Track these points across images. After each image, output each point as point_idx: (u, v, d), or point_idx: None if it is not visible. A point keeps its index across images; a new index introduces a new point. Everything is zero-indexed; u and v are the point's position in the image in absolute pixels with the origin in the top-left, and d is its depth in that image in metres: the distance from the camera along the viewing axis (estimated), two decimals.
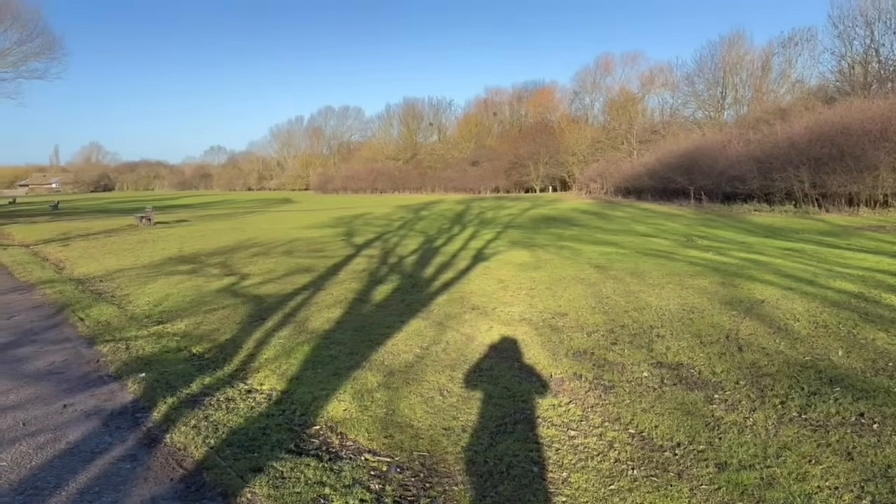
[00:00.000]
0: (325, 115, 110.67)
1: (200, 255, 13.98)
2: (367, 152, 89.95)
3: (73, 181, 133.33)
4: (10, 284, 10.65)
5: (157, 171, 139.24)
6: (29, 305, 8.60)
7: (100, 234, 21.24)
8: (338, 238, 17.33)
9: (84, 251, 15.70)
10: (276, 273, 10.91)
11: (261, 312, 7.67)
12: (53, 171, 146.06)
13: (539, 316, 7.14)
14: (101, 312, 7.81)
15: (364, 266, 11.57)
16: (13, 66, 26.29)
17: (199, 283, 10.01)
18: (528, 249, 13.50)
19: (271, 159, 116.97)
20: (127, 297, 9.02)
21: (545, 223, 21.76)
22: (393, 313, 7.46)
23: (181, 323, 7.16)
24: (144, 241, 18.07)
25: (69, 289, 9.81)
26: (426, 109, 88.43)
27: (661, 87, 57.40)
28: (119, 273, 11.55)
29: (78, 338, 6.57)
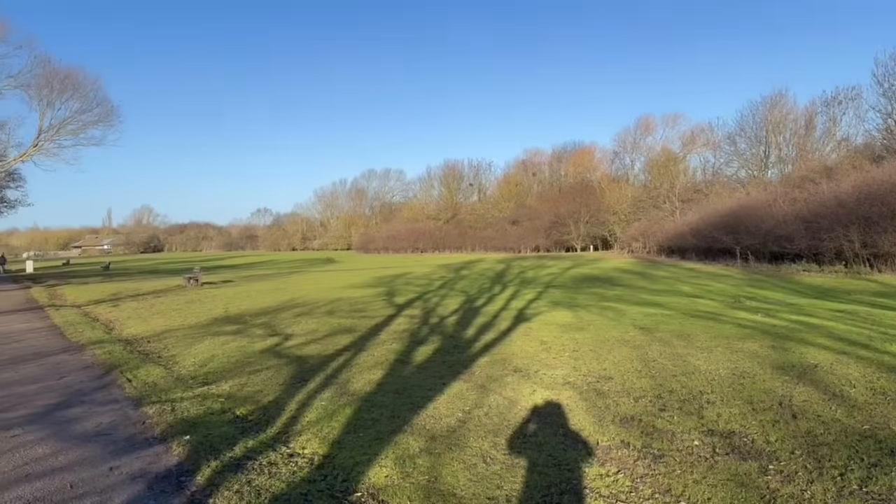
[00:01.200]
0: (367, 177, 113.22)
1: (245, 316, 14.18)
2: (408, 213, 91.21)
3: (124, 242, 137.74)
4: (61, 345, 10.92)
5: (205, 232, 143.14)
6: (79, 366, 8.79)
7: (149, 294, 21.78)
8: (379, 298, 17.42)
9: (133, 312, 16.09)
10: (319, 333, 10.98)
11: (303, 374, 7.69)
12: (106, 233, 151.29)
13: (583, 379, 7.00)
14: (149, 373, 7.94)
15: (405, 326, 11.57)
16: (73, 133, 27.58)
17: (243, 344, 10.13)
18: (571, 310, 13.35)
19: (315, 220, 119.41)
20: (174, 358, 9.17)
21: (587, 283, 21.54)
22: (434, 375, 7.40)
23: (226, 384, 7.23)
24: (192, 301, 18.44)
25: (118, 349, 10.02)
26: (466, 171, 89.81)
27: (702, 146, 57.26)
28: (167, 333, 11.78)
29: (125, 399, 6.67)
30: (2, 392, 7.20)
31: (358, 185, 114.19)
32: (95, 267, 54.58)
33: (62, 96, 26.86)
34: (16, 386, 7.54)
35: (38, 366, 8.91)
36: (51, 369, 8.59)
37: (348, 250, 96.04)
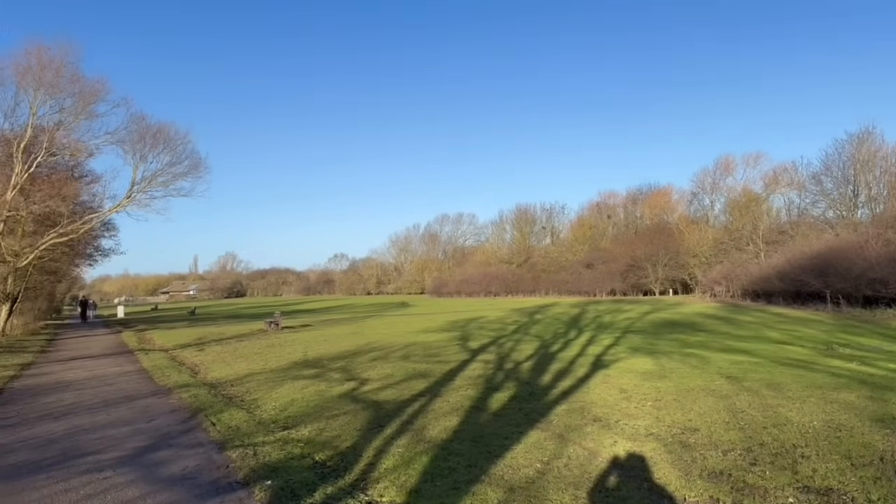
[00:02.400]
0: (440, 222, 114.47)
1: (323, 360, 14.42)
2: (481, 256, 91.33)
3: (209, 288, 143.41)
4: (150, 388, 11.38)
5: (284, 277, 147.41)
6: (166, 409, 9.12)
7: (232, 338, 22.50)
8: (453, 342, 17.40)
9: (217, 355, 16.64)
10: (394, 378, 11.04)
11: (380, 419, 7.72)
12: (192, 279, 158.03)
13: (667, 431, 6.74)
14: (232, 417, 8.15)
15: (480, 372, 11.49)
16: (164, 185, 29.03)
17: (322, 389, 10.28)
18: (651, 356, 12.95)
19: (389, 265, 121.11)
20: (255, 402, 9.40)
21: (668, 328, 20.89)
22: (511, 423, 7.29)
23: (305, 429, 7.33)
24: (272, 345, 18.92)
25: (203, 393, 10.35)
26: (538, 214, 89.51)
27: (785, 186, 55.14)
28: (249, 377, 12.11)
29: (210, 442, 6.85)
30: (95, 434, 7.54)
31: (431, 229, 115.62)
32: (182, 312, 56.90)
33: (154, 150, 28.42)
34: (109, 428, 7.87)
35: (128, 409, 9.29)
36: (140, 412, 8.94)
37: (422, 294, 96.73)
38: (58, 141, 25.51)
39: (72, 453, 6.60)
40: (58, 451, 6.71)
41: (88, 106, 25.58)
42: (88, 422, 8.37)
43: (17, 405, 10.07)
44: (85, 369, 14.92)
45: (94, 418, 8.62)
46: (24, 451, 6.80)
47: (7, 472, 6.00)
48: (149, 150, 28.11)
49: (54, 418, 8.75)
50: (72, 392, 11.24)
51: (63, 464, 6.18)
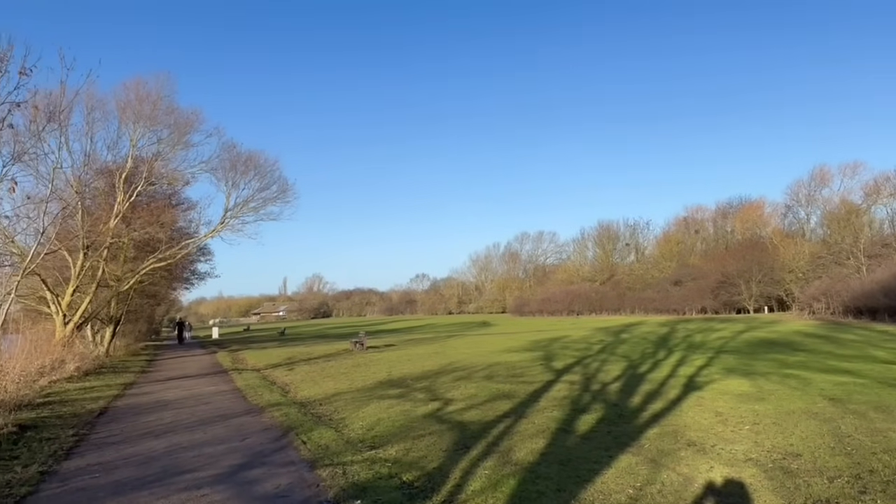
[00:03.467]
0: (520, 240, 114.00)
1: (407, 379, 14.54)
2: (563, 275, 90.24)
3: (297, 309, 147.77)
4: (243, 407, 11.77)
5: (368, 298, 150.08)
6: (259, 428, 9.40)
7: (320, 358, 23.03)
8: (536, 362, 17.19)
9: (306, 375, 17.07)
10: (478, 399, 10.98)
11: (465, 440, 7.68)
12: (281, 301, 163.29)
13: (767, 456, 6.40)
14: (321, 436, 8.30)
15: (565, 393, 11.28)
16: (254, 210, 30.31)
17: (406, 408, 10.35)
18: (747, 378, 12.37)
19: (470, 284, 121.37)
20: (343, 421, 9.56)
21: (764, 347, 19.93)
22: (600, 446, 7.10)
23: (392, 449, 7.38)
24: (358, 365, 19.24)
25: (293, 412, 10.61)
26: (622, 230, 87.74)
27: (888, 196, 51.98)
28: (336, 396, 12.34)
29: (301, 461, 7.00)
30: (193, 452, 7.84)
31: (511, 248, 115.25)
32: (272, 332, 58.80)
33: (245, 177, 29.75)
34: (206, 446, 8.18)
35: (224, 427, 9.63)
36: (235, 430, 9.25)
37: (503, 313, 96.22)
38: (156, 171, 27.06)
39: (171, 470, 6.88)
40: (158, 469, 7.01)
41: (184, 136, 27.08)
42: (187, 440, 8.73)
43: (121, 423, 10.62)
44: (183, 389, 15.61)
45: (192, 436, 8.98)
46: (127, 468, 7.14)
47: (112, 488, 6.30)
48: (240, 177, 29.45)
49: (155, 436, 9.17)
50: (171, 411, 11.77)
51: (163, 481, 6.44)
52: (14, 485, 6.45)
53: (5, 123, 12.41)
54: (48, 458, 7.82)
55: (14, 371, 13.97)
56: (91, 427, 10.29)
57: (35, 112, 14.58)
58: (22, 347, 16.79)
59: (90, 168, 25.42)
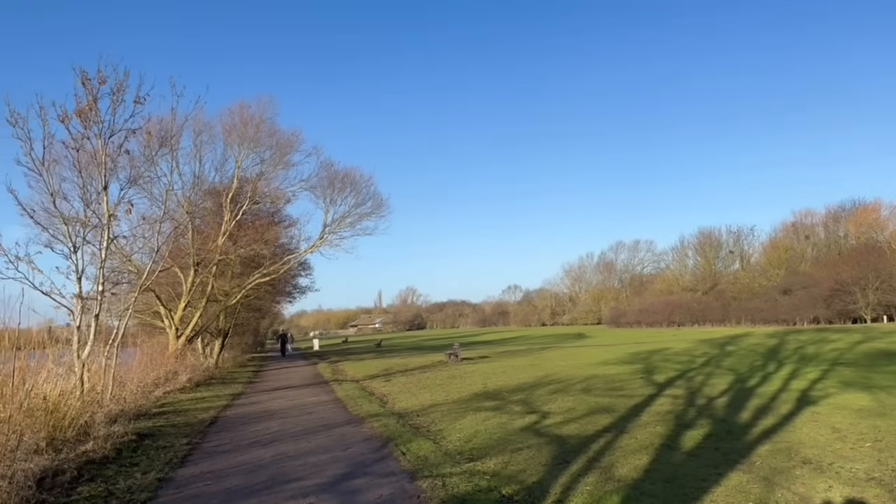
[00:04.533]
0: (615, 250, 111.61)
1: (503, 392, 14.47)
2: (661, 284, 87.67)
3: (392, 321, 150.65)
4: (344, 417, 12.06)
5: (461, 309, 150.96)
6: (360, 438, 9.59)
7: (415, 370, 23.32)
8: (636, 375, 16.70)
9: (403, 386, 17.32)
10: (576, 412, 10.78)
11: (564, 454, 7.55)
12: (377, 313, 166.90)
13: (892, 475, 5.94)
14: (420, 447, 8.38)
15: (668, 407, 10.90)
16: (351, 225, 31.23)
17: (503, 421, 10.30)
18: (867, 392, 11.54)
19: (563, 295, 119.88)
20: (441, 433, 9.61)
21: (885, 359, 18.54)
22: (707, 463, 6.80)
23: (490, 461, 7.34)
24: (453, 376, 19.34)
25: (392, 423, 10.77)
26: (724, 237, 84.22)
27: None
28: (433, 408, 12.44)
29: (401, 472, 7.08)
30: (299, 461, 8.09)
31: (606, 258, 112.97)
32: (369, 344, 60.13)
33: (342, 194, 30.71)
34: (310, 455, 8.42)
35: (326, 436, 9.90)
36: (337, 440, 9.49)
37: (598, 325, 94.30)
38: (260, 190, 28.38)
39: (279, 479, 7.11)
40: (266, 477, 7.27)
41: (285, 157, 28.31)
42: (292, 448, 9.02)
43: (230, 432, 11.10)
44: (287, 399, 16.18)
45: (297, 445, 9.27)
46: (237, 476, 7.45)
47: (223, 495, 6.58)
48: (337, 194, 30.43)
49: (262, 445, 9.53)
50: (276, 420, 12.21)
51: (271, 489, 6.67)
52: (135, 490, 6.85)
53: (122, 149, 13.38)
54: (164, 465, 8.26)
55: (132, 382, 14.92)
56: (203, 436, 10.81)
57: (149, 138, 15.59)
58: (139, 360, 17.89)
59: (199, 189, 26.99)
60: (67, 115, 12.18)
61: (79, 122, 12.35)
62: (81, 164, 12.82)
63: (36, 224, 13.34)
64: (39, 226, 13.35)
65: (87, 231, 13.01)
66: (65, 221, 12.67)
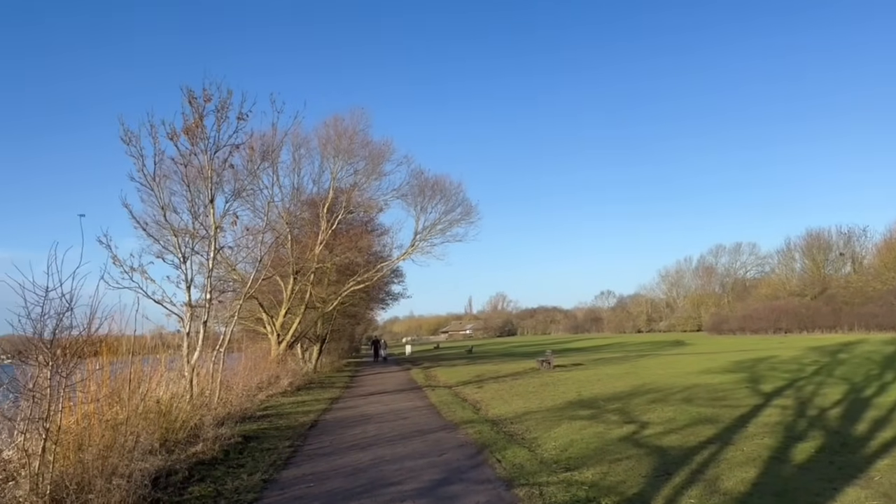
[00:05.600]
0: (715, 253, 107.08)
1: (598, 400, 14.19)
2: (766, 289, 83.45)
3: (482, 327, 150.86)
4: (438, 423, 12.18)
5: (552, 315, 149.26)
6: (455, 444, 9.66)
7: (507, 376, 23.26)
8: (740, 385, 15.97)
9: (495, 393, 17.30)
10: (677, 423, 10.43)
11: (665, 466, 7.32)
12: (467, 319, 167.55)
13: None
14: (515, 455, 8.34)
15: (776, 418, 10.37)
16: (441, 232, 31.58)
17: (600, 430, 10.10)
18: None
19: (660, 301, 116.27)
20: (536, 441, 9.54)
21: None
22: (821, 477, 6.42)
23: (588, 471, 7.22)
24: (546, 384, 19.14)
25: (486, 429, 10.79)
26: (834, 239, 79.22)
27: None
28: (526, 415, 12.36)
29: (497, 479, 7.07)
30: (396, 465, 8.24)
31: (705, 261, 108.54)
32: (460, 350, 60.44)
33: (432, 201, 31.13)
34: (407, 460, 8.56)
35: (422, 442, 10.04)
36: (432, 446, 9.60)
37: (698, 331, 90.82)
38: (354, 200, 29.21)
39: (377, 483, 7.27)
40: (365, 480, 7.44)
41: (377, 167, 29.04)
42: (389, 453, 9.20)
43: (330, 435, 11.45)
44: (382, 404, 16.50)
45: (394, 449, 9.45)
46: (337, 479, 7.66)
47: (325, 497, 6.79)
48: (427, 202, 30.87)
49: (360, 448, 9.77)
50: (373, 424, 12.49)
51: (370, 492, 6.82)
52: (242, 491, 7.17)
53: (227, 164, 14.08)
54: (269, 467, 8.61)
55: (238, 387, 15.62)
56: (304, 439, 11.20)
57: (251, 153, 16.34)
58: (244, 365, 18.70)
59: (297, 200, 28.12)
60: (176, 132, 12.98)
61: (187, 139, 13.13)
62: (189, 179, 13.60)
63: (148, 236, 14.29)
64: (151, 237, 14.30)
65: (196, 242, 13.79)
66: (175, 233, 13.46)
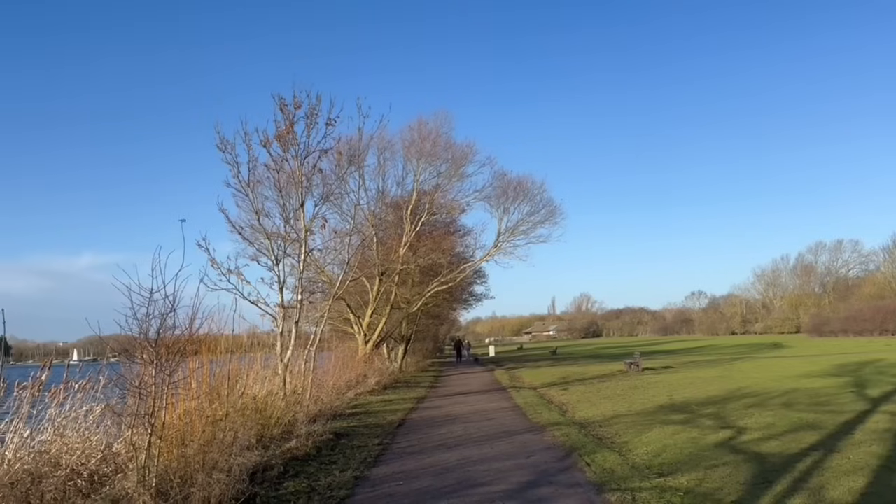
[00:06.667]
0: (814, 251, 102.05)
1: (691, 405, 13.73)
2: (871, 288, 78.83)
3: (566, 328, 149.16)
4: (525, 425, 12.10)
5: (639, 317, 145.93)
6: (542, 446, 9.57)
7: (594, 378, 22.85)
8: (845, 389, 15.09)
9: (582, 395, 17.03)
10: (777, 429, 9.95)
11: (765, 473, 6.99)
12: (551, 320, 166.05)
13: None
14: (605, 459, 8.16)
15: (885, 425, 9.73)
16: (524, 233, 31.41)
17: (694, 436, 9.76)
18: None
19: (755, 301, 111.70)
20: (626, 445, 9.31)
21: None
22: None
23: (682, 478, 6.98)
24: (635, 387, 18.68)
25: (573, 432, 10.62)
26: None
27: None
28: (615, 419, 12.09)
29: (587, 483, 6.95)
30: (483, 466, 8.23)
31: (804, 260, 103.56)
32: (544, 351, 59.94)
33: (515, 202, 31.01)
34: (494, 461, 8.54)
35: (508, 443, 9.99)
36: (519, 447, 9.54)
37: (797, 334, 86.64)
38: (436, 201, 29.49)
39: (465, 483, 7.28)
40: (453, 480, 7.47)
41: (460, 168, 29.21)
42: (476, 453, 9.20)
43: (417, 434, 11.58)
44: (467, 404, 16.56)
45: (481, 450, 9.45)
46: (426, 478, 7.73)
47: (415, 496, 6.85)
48: (510, 203, 30.80)
49: (447, 448, 9.82)
50: (459, 425, 12.54)
51: (459, 493, 6.84)
52: (334, 487, 7.34)
53: (316, 168, 14.48)
54: (360, 464, 8.78)
55: (328, 385, 16.03)
56: (392, 437, 11.37)
57: (339, 157, 16.72)
58: (333, 364, 19.16)
59: (382, 203, 28.59)
60: (268, 139, 13.46)
61: (278, 145, 13.59)
62: (281, 184, 14.08)
63: (243, 240, 14.88)
64: (246, 241, 14.87)
65: (287, 245, 14.25)
66: (268, 237, 13.97)
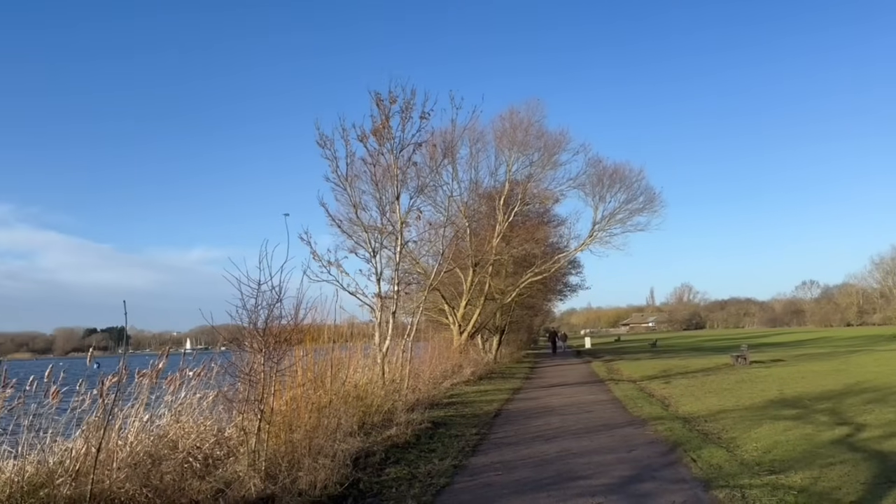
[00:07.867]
0: None
1: (804, 400, 12.98)
2: None
3: (666, 320, 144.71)
4: (625, 418, 11.81)
5: (746, 308, 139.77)
6: (644, 440, 9.30)
7: (697, 372, 22.01)
8: None
9: (685, 389, 16.43)
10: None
11: (888, 473, 6.51)
12: (650, 311, 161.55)
13: None
14: (712, 455, 7.83)
15: None
16: (621, 222, 30.58)
17: (808, 432, 9.21)
18: None
19: (873, 291, 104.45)
20: (734, 441, 8.90)
21: None
22: None
23: (796, 475, 6.59)
24: (742, 381, 17.85)
25: (677, 427, 10.26)
26: None
27: None
28: (721, 414, 11.59)
29: (693, 479, 6.69)
30: (583, 459, 8.11)
31: None
32: (643, 344, 58.37)
33: (611, 190, 30.24)
34: (593, 454, 8.39)
35: (608, 436, 9.79)
36: (620, 441, 9.32)
37: None
38: (529, 191, 29.22)
39: (565, 475, 7.18)
40: (552, 472, 7.39)
41: (552, 157, 28.78)
42: (575, 446, 9.07)
43: (514, 425, 11.54)
44: (564, 396, 16.36)
45: (580, 443, 9.31)
46: (524, 469, 7.68)
47: (514, 486, 6.82)
48: (606, 191, 30.10)
49: (545, 440, 9.73)
50: (557, 416, 12.40)
51: (558, 485, 6.75)
52: (434, 475, 7.41)
53: (410, 161, 14.64)
54: (458, 453, 8.83)
55: (425, 374, 16.23)
56: (489, 427, 11.38)
57: (433, 150, 16.85)
58: (429, 354, 19.38)
59: (475, 194, 28.60)
60: (365, 134, 13.74)
61: (374, 139, 13.85)
62: (377, 178, 14.35)
63: (342, 232, 15.28)
64: (345, 234, 15.27)
65: (384, 237, 14.52)
66: (365, 229, 14.29)
